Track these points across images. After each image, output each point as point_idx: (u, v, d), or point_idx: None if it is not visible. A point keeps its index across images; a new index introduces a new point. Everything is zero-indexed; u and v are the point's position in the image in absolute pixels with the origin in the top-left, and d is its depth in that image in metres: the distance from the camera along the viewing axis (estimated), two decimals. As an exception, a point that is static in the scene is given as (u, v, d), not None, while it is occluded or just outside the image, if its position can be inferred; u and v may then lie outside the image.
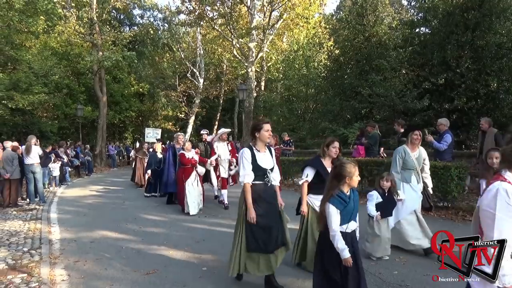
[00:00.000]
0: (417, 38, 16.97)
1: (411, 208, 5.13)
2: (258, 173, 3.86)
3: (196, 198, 8.31)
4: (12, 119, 17.93)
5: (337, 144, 4.36)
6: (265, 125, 3.91)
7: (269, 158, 4.02)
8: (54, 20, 21.59)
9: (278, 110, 23.25)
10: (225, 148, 8.94)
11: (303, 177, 4.37)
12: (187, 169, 8.43)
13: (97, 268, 4.92)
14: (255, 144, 3.96)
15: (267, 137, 3.91)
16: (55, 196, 11.97)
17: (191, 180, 8.35)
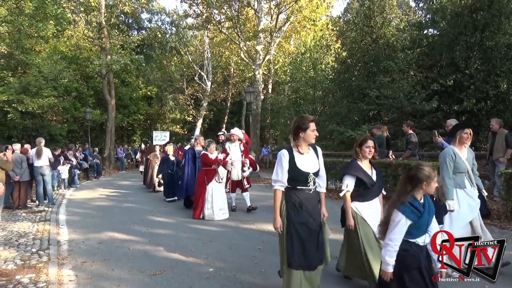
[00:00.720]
0: (425, 39, 16.90)
1: (468, 219, 4.39)
2: (299, 178, 3.43)
3: (222, 203, 7.81)
4: (22, 122, 18.14)
5: (370, 143, 3.91)
6: (312, 124, 3.48)
7: (313, 160, 3.55)
8: (64, 24, 21.90)
9: (285, 112, 23.23)
10: (237, 149, 8.54)
11: (343, 187, 3.93)
12: (211, 171, 7.87)
13: (104, 269, 4.93)
14: (298, 145, 3.50)
15: (313, 137, 3.48)
16: (64, 198, 12.04)
17: (215, 182, 7.85)
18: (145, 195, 12.31)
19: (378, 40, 17.15)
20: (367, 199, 3.87)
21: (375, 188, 3.91)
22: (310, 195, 3.48)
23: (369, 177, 3.87)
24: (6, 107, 16.34)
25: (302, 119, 3.53)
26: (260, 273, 4.59)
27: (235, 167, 8.43)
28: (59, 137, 22.56)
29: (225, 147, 8.52)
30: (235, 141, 8.56)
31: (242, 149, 8.58)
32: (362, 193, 3.84)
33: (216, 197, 7.74)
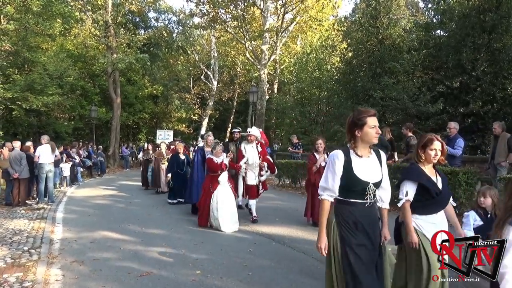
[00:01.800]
0: (432, 40, 16.66)
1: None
2: (356, 188, 2.71)
3: (231, 213, 6.86)
4: (27, 120, 18.27)
5: (437, 145, 3.15)
6: (370, 118, 2.70)
7: (375, 167, 2.79)
8: (71, 23, 22.01)
9: (291, 113, 23.12)
10: (254, 150, 7.68)
11: (401, 195, 3.15)
12: (216, 177, 6.95)
13: (92, 269, 4.89)
14: (355, 147, 2.79)
15: (373, 136, 2.71)
16: (64, 196, 12.10)
17: (222, 190, 6.88)
18: (146, 194, 12.30)
19: (384, 41, 16.92)
20: (430, 212, 3.13)
21: (441, 198, 3.16)
22: (366, 211, 2.76)
23: (434, 184, 3.13)
24: (11, 105, 16.45)
25: (358, 112, 2.79)
26: (247, 276, 4.52)
27: (252, 170, 7.62)
28: (64, 134, 22.74)
29: (240, 148, 7.74)
30: (252, 142, 7.72)
31: (259, 150, 7.73)
32: (425, 204, 3.10)
33: (223, 206, 6.78)
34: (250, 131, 7.90)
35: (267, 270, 4.71)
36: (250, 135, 7.75)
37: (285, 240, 6.03)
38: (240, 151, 7.74)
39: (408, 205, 3.10)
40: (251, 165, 7.61)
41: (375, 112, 2.77)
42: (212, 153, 7.25)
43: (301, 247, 5.63)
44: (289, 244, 5.83)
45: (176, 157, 10.25)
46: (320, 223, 2.78)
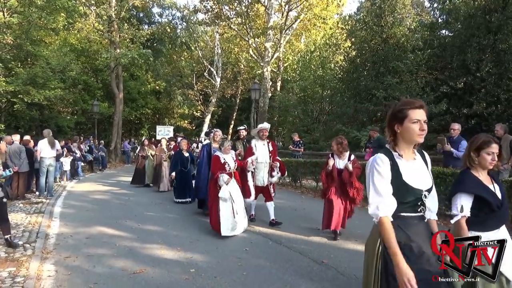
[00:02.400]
0: (437, 40, 16.54)
1: None
2: (407, 199, 2.19)
3: (239, 214, 6.30)
4: (29, 113, 18.27)
5: (495, 148, 2.73)
6: (413, 111, 2.18)
7: (424, 170, 2.31)
8: (75, 17, 22.01)
9: (293, 111, 23.02)
10: (265, 149, 7.02)
11: (454, 211, 2.65)
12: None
13: (86, 265, 4.85)
14: (396, 146, 2.27)
15: (417, 134, 2.17)
16: (64, 190, 12.08)
17: (230, 191, 6.27)
18: (146, 191, 12.22)
19: (388, 40, 16.79)
20: (491, 227, 2.64)
21: (503, 211, 2.69)
22: (419, 227, 2.23)
23: (494, 195, 2.66)
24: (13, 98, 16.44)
25: (401, 103, 2.27)
26: (242, 276, 4.46)
27: (261, 170, 6.96)
28: (66, 128, 22.77)
29: (251, 146, 7.07)
30: (265, 139, 7.07)
31: (270, 149, 7.07)
32: (484, 219, 2.63)
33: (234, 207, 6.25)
34: (262, 126, 7.17)
35: (262, 270, 4.65)
36: (263, 129, 7.08)
37: (282, 240, 5.97)
38: (250, 149, 7.06)
39: (464, 222, 2.61)
40: (261, 164, 6.94)
41: (422, 104, 2.23)
42: (220, 149, 6.61)
43: (298, 247, 5.57)
44: (286, 244, 5.77)
45: (179, 154, 9.82)
46: (391, 252, 2.08)
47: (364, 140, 14.14)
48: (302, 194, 11.18)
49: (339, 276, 4.44)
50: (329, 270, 4.64)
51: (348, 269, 4.64)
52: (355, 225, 6.94)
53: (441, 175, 6.86)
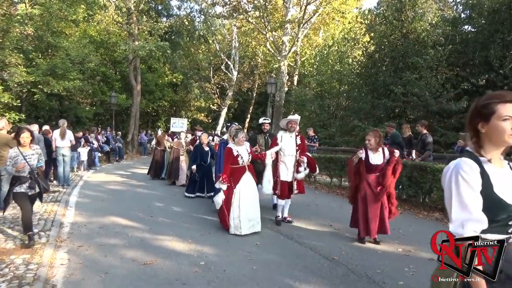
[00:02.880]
0: (459, 36, 16.16)
1: None
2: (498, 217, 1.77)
3: (253, 211, 5.98)
4: (48, 104, 18.59)
5: None
6: (504, 106, 1.75)
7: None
8: (94, 9, 22.24)
9: (310, 106, 22.84)
10: (292, 141, 6.51)
11: None
12: (238, 169, 6.05)
13: (98, 255, 4.91)
14: (481, 149, 1.83)
15: (508, 133, 1.74)
16: (81, 180, 12.27)
17: (243, 186, 5.99)
18: (161, 184, 12.32)
19: (408, 35, 16.48)
20: None
21: None
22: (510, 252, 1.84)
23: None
24: (33, 88, 16.74)
25: (487, 96, 1.84)
26: (251, 270, 4.44)
27: (287, 165, 6.51)
28: (85, 119, 23.11)
29: (276, 136, 6.65)
30: (293, 131, 6.56)
31: (298, 143, 6.54)
32: None
33: (246, 203, 5.91)
34: (292, 118, 6.61)
35: (271, 265, 4.62)
36: (292, 121, 6.52)
37: (293, 235, 5.93)
38: (274, 139, 6.61)
39: None
40: (286, 157, 6.46)
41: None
42: (234, 140, 6.22)
43: (309, 243, 5.52)
44: (297, 239, 5.73)
45: (199, 148, 9.48)
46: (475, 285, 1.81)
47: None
48: (316, 190, 11.10)
49: (349, 274, 4.38)
50: (339, 267, 4.59)
51: (359, 267, 4.58)
52: (368, 222, 6.87)
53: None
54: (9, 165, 5.17)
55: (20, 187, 5.23)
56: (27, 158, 5.25)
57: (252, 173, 6.15)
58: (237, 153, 6.02)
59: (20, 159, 5.19)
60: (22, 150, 5.26)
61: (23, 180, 5.23)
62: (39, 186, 5.39)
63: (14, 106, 16.47)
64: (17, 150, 5.25)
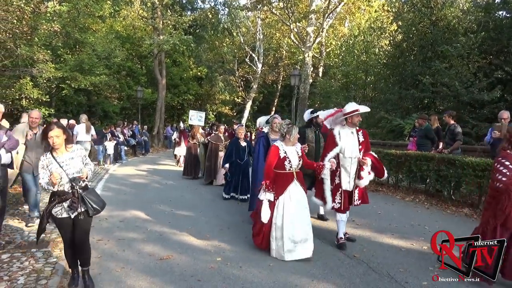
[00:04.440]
0: (492, 22, 15.33)
1: None
2: None
3: (302, 231, 4.55)
4: (76, 99, 19.02)
5: None
6: None
7: None
8: (120, 4, 22.55)
9: (335, 97, 22.43)
10: (353, 139, 4.94)
11: None
12: (283, 176, 4.64)
13: (116, 249, 4.93)
14: None
15: None
16: (107, 173, 12.48)
17: (289, 198, 4.60)
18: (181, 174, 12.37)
19: (437, 22, 15.79)
20: None
21: None
22: None
23: None
24: (61, 83, 17.15)
25: None
26: (268, 267, 4.34)
27: (348, 168, 4.93)
28: (112, 113, 23.57)
29: (333, 134, 5.02)
30: (354, 126, 5.01)
31: (361, 140, 4.99)
32: None
33: (291, 220, 4.53)
34: (353, 106, 4.95)
35: (289, 262, 4.49)
36: (353, 113, 4.87)
37: (314, 231, 5.77)
38: (331, 137, 5.01)
39: None
40: (347, 161, 4.91)
41: None
42: (284, 138, 4.75)
43: (330, 239, 5.35)
44: (317, 235, 5.55)
45: (236, 143, 8.37)
46: None
47: (408, 128, 13.48)
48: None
49: (370, 272, 4.21)
50: (360, 265, 4.43)
51: (380, 265, 4.40)
52: (392, 217, 6.64)
53: (490, 168, 6.33)
54: (43, 179, 3.57)
55: (61, 209, 3.61)
56: (63, 165, 3.58)
57: (301, 182, 4.72)
58: (285, 155, 4.61)
59: (55, 167, 3.54)
60: (56, 155, 3.60)
61: (62, 197, 3.58)
62: (85, 205, 3.62)
63: (44, 101, 16.93)
64: (49, 156, 3.60)
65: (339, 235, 5.14)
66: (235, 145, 8.37)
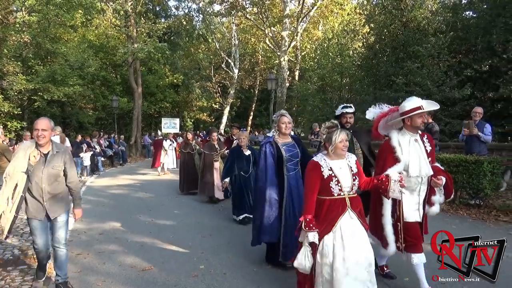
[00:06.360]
0: (460, 22, 15.85)
1: None
2: None
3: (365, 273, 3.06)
4: (50, 110, 18.58)
5: None
6: None
7: None
8: (92, 13, 22.23)
9: (312, 100, 22.65)
10: (419, 149, 3.54)
11: None
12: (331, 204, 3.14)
13: (96, 262, 4.82)
14: None
15: None
16: (84, 185, 12.20)
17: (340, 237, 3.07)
18: (161, 183, 12.24)
19: (408, 23, 16.18)
20: None
21: None
22: None
23: None
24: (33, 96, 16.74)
25: None
26: (252, 272, 4.33)
27: (414, 192, 3.54)
28: (87, 124, 23.12)
29: (390, 143, 3.55)
30: (417, 131, 3.61)
31: (429, 150, 3.58)
32: None
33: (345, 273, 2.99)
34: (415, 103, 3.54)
35: (274, 267, 4.47)
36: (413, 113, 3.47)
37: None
38: (388, 150, 3.55)
39: None
40: (413, 181, 3.49)
41: None
42: (320, 150, 3.68)
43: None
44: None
45: (237, 152, 6.76)
46: None
47: (385, 128, 13.75)
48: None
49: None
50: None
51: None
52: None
53: (464, 163, 6.52)
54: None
55: None
56: None
57: (359, 213, 3.17)
58: (330, 173, 3.12)
59: None
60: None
61: None
62: None
63: (15, 114, 16.47)
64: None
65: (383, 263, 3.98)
66: (236, 154, 6.72)
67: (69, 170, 3.88)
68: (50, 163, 3.69)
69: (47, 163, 3.67)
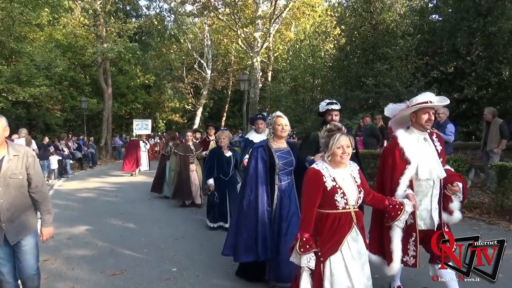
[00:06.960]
0: (427, 25, 16.36)
1: None
2: None
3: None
4: (15, 112, 17.89)
5: None
6: None
7: None
8: (59, 12, 21.56)
9: (285, 101, 22.80)
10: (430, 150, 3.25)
11: None
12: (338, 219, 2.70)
13: (64, 268, 4.68)
14: None
15: None
16: (51, 189, 11.81)
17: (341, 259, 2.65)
18: (133, 186, 12.02)
19: (377, 26, 16.57)
20: None
21: None
22: None
23: None
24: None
25: None
26: (226, 274, 4.30)
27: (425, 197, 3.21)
28: (55, 126, 22.42)
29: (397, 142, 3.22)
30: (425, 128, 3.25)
31: (439, 150, 3.30)
32: None
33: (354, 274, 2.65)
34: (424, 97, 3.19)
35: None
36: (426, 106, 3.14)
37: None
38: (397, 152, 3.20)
39: None
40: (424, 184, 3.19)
41: None
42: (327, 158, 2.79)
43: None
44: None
45: (217, 153, 6.33)
46: None
47: (355, 128, 14.01)
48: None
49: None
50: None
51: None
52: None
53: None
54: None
55: None
56: None
57: (361, 229, 2.81)
58: (334, 185, 2.71)
59: None
60: None
61: None
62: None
63: (-23, 116, 15.76)
64: None
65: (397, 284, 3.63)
66: (216, 156, 6.28)
67: (33, 176, 3.09)
68: (7, 170, 2.90)
69: (2, 171, 2.89)
